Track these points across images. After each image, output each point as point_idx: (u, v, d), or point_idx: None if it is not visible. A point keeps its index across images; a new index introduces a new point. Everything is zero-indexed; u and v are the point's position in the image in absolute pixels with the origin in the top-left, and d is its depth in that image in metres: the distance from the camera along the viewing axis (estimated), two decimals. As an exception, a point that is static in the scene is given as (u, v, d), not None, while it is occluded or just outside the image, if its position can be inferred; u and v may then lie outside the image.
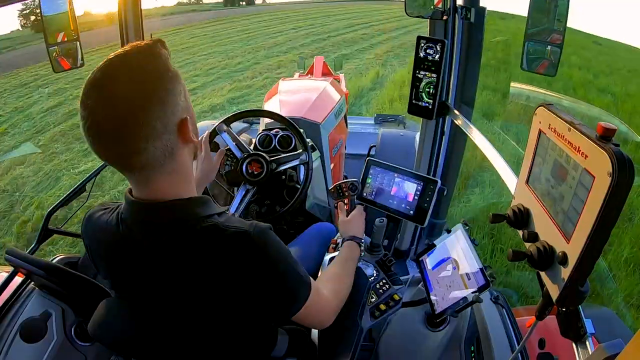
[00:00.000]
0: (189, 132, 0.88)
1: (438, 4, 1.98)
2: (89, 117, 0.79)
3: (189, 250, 0.87)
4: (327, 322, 1.08)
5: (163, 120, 0.82)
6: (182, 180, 0.91)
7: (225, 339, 0.96)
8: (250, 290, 0.89)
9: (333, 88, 3.05)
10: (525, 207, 0.89)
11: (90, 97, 0.79)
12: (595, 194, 0.65)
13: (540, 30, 1.65)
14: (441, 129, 2.29)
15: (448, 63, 2.05)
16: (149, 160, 0.83)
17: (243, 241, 0.87)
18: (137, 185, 0.89)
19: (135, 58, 0.82)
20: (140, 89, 0.80)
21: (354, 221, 1.45)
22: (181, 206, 0.89)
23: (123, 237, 0.91)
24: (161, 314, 0.93)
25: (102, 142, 0.81)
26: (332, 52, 14.12)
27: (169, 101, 0.82)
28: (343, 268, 1.26)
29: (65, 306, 1.45)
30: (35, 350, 1.34)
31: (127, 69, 0.81)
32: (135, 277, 0.94)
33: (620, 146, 0.63)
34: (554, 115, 0.78)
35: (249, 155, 1.95)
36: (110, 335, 0.99)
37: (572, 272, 0.70)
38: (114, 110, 0.78)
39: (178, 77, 0.86)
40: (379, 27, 20.70)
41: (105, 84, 0.79)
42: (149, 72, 0.82)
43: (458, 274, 1.18)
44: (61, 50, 1.84)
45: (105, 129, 0.79)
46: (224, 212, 0.95)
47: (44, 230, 1.68)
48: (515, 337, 1.22)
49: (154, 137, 0.81)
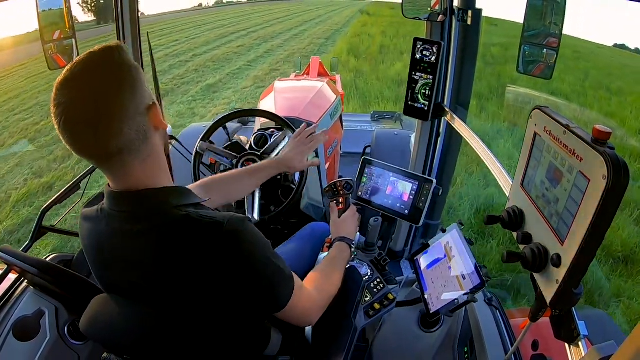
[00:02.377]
0: (159, 115, 0.91)
1: (435, 6, 1.99)
2: (63, 113, 0.81)
3: (163, 240, 0.88)
4: (313, 320, 1.08)
5: (134, 103, 0.86)
6: (156, 168, 0.93)
7: (213, 334, 0.95)
8: (227, 283, 0.88)
9: (329, 88, 3.05)
10: (520, 209, 0.90)
11: (62, 94, 0.82)
12: (590, 197, 0.65)
13: (537, 34, 1.66)
14: (437, 130, 2.30)
15: (444, 65, 2.05)
16: (125, 143, 0.85)
17: (216, 232, 0.87)
18: (114, 175, 0.90)
19: (100, 55, 0.87)
20: (109, 77, 0.85)
21: (346, 222, 1.44)
22: (154, 195, 0.90)
23: (102, 230, 0.94)
24: (146, 308, 0.93)
25: (78, 133, 0.83)
26: (193, 82, 10.75)
27: (136, 87, 0.87)
28: (330, 266, 1.25)
29: (59, 304, 1.44)
30: (28, 349, 1.33)
31: (94, 64, 0.85)
32: (116, 270, 0.95)
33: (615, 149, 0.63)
34: (550, 118, 0.79)
35: (245, 154, 1.95)
36: (102, 332, 0.99)
37: (566, 274, 0.71)
38: (87, 100, 0.82)
39: (140, 69, 0.90)
40: (259, 34, 19.17)
41: (76, 79, 0.83)
42: (114, 64, 0.86)
43: (453, 273, 1.19)
44: (57, 47, 1.83)
45: (81, 119, 0.82)
46: (200, 204, 0.95)
47: (37, 228, 1.67)
48: (509, 338, 1.23)
49: (127, 119, 0.84)
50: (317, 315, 1.09)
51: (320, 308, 1.10)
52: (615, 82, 9.53)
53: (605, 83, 9.41)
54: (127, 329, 0.96)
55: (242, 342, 1.02)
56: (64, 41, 1.84)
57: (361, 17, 26.78)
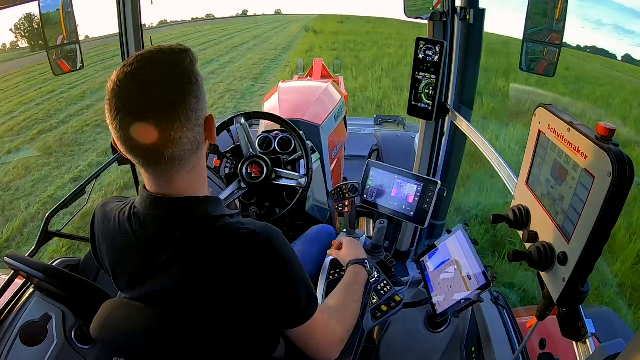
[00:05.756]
0: (214, 128, 0.91)
1: (437, 5, 1.98)
2: (124, 107, 0.80)
3: (200, 248, 0.88)
4: (334, 353, 1.06)
5: (196, 113, 0.85)
6: (199, 178, 0.93)
7: (231, 340, 0.95)
8: (258, 291, 0.89)
9: (333, 90, 3.06)
10: (525, 207, 0.89)
11: (124, 87, 0.80)
12: (595, 194, 0.65)
13: (539, 31, 1.65)
14: (441, 130, 2.29)
15: (447, 64, 2.05)
16: (180, 152, 0.85)
17: (252, 242, 0.88)
18: (157, 180, 0.89)
19: (167, 54, 0.85)
20: (177, 80, 0.83)
21: (348, 248, 1.42)
22: (197, 204, 0.91)
23: (135, 232, 0.92)
24: (165, 313, 0.93)
25: (137, 131, 0.81)
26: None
27: (200, 96, 0.86)
28: (348, 294, 1.22)
29: (66, 309, 1.45)
30: (35, 354, 1.34)
31: (162, 62, 0.84)
32: (143, 273, 0.93)
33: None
34: (554, 116, 0.78)
35: (250, 157, 1.95)
36: (114, 337, 0.98)
37: (573, 272, 0.70)
38: (154, 100, 0.80)
39: (203, 79, 0.89)
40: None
41: (142, 74, 0.81)
42: (182, 66, 0.85)
43: (459, 274, 1.18)
44: (60, 52, 1.84)
45: (143, 119, 0.80)
46: (235, 214, 0.96)
47: (43, 233, 1.67)
48: (516, 337, 1.22)
49: (188, 129, 0.84)
50: (338, 349, 1.07)
51: (342, 341, 1.08)
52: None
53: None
54: (140, 333, 0.95)
55: (253, 346, 1.02)
56: (67, 46, 1.85)
57: (307, 36, 23.64)
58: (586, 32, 15.02)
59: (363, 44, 18.60)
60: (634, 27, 13.23)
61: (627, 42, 16.96)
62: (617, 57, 11.57)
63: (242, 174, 1.93)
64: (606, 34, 14.86)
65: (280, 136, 2.18)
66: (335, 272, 1.46)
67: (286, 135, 2.17)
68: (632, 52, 11.20)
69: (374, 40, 20.44)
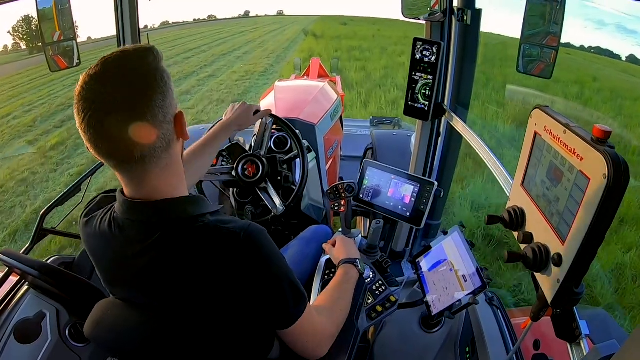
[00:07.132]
0: (184, 125, 0.90)
1: (434, 5, 1.99)
2: (90, 108, 0.79)
3: (179, 251, 0.87)
4: (324, 349, 1.05)
5: (164, 110, 0.84)
6: (174, 177, 0.92)
7: (222, 341, 0.95)
8: (242, 291, 0.88)
9: (329, 89, 3.05)
10: (521, 208, 0.90)
11: (89, 89, 0.79)
12: (591, 196, 0.65)
13: (536, 33, 1.66)
14: (437, 130, 2.30)
15: (444, 65, 2.05)
16: (150, 150, 0.84)
17: (233, 242, 0.87)
18: (131, 182, 0.89)
19: (133, 54, 0.85)
20: (143, 79, 0.82)
21: (341, 248, 1.41)
22: (174, 205, 0.90)
23: (115, 238, 0.92)
24: (156, 315, 0.93)
25: (105, 132, 0.80)
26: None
27: (166, 93, 0.85)
28: (338, 291, 1.22)
29: (60, 307, 1.44)
30: (29, 351, 1.34)
31: (127, 62, 0.83)
32: (128, 278, 0.94)
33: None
34: (550, 117, 0.79)
35: (245, 155, 1.95)
36: (107, 336, 0.98)
37: (567, 273, 0.71)
38: (120, 99, 0.80)
39: (170, 76, 0.88)
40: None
41: (107, 75, 0.81)
42: (148, 65, 0.84)
43: (454, 275, 1.18)
44: (57, 49, 1.83)
45: (111, 119, 0.79)
46: (216, 211, 0.95)
47: (38, 230, 1.67)
48: (511, 338, 1.22)
49: (156, 126, 0.83)
50: (327, 345, 1.06)
51: (331, 337, 1.08)
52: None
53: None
54: (133, 334, 0.96)
55: (246, 348, 1.02)
56: (64, 43, 1.84)
57: (306, 41, 21.38)
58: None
59: (370, 51, 16.77)
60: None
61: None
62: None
63: (239, 174, 1.93)
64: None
65: (276, 135, 2.17)
66: (330, 271, 1.46)
67: (282, 134, 2.17)
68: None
69: (381, 45, 18.39)
